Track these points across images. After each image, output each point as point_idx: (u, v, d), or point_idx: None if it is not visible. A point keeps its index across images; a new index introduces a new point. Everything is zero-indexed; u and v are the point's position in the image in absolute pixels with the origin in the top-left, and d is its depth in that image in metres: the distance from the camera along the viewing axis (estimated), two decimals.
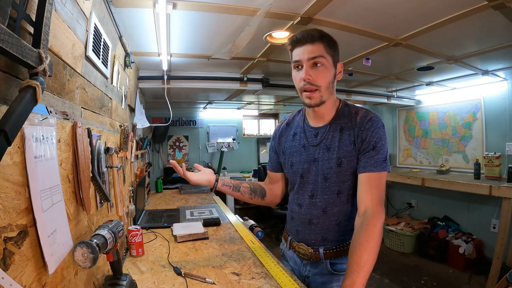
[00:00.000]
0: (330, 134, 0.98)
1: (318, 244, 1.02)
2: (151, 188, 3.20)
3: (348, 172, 0.95)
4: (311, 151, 1.02)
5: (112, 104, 1.36)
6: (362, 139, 0.92)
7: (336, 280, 1.01)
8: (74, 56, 0.82)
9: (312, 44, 0.91)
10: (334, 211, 0.99)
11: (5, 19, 0.43)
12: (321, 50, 0.91)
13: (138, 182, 1.97)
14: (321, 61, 0.91)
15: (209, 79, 2.56)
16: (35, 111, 0.52)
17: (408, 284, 2.68)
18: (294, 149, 1.07)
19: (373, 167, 0.90)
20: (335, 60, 0.96)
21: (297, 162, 1.05)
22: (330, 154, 0.97)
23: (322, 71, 0.92)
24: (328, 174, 0.97)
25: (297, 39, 0.93)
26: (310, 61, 0.92)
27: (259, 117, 5.33)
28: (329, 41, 0.93)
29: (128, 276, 0.94)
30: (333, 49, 0.94)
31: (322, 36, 0.92)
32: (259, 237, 1.61)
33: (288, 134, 1.12)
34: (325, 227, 1.01)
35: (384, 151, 0.92)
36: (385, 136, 0.93)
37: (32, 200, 0.52)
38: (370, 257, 0.78)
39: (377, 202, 0.87)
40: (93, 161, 0.87)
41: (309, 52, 0.91)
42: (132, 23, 1.49)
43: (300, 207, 1.06)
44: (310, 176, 1.02)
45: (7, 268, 0.44)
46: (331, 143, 0.97)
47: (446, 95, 3.50)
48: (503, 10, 1.35)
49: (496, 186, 2.51)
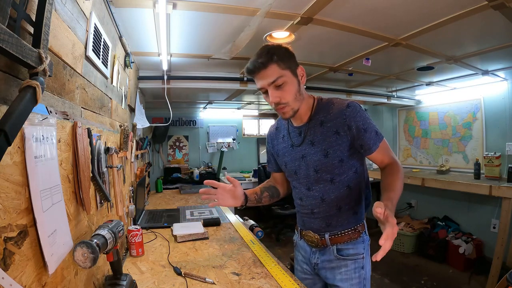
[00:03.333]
0: (312, 130, 1.04)
1: (324, 230, 1.08)
2: (151, 188, 3.19)
3: (336, 160, 1.01)
4: (298, 149, 1.08)
5: (112, 104, 1.36)
6: (349, 126, 0.97)
7: (344, 266, 1.06)
8: (74, 56, 0.82)
9: (266, 69, 0.94)
10: (331, 197, 1.05)
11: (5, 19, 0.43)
12: (276, 71, 0.94)
13: (138, 182, 1.97)
14: (281, 81, 0.94)
15: (209, 79, 2.56)
16: (35, 111, 0.52)
17: (408, 284, 2.68)
18: (285, 150, 1.14)
19: (373, 145, 0.99)
20: (293, 69, 0.97)
21: (289, 161, 1.12)
22: (315, 148, 1.03)
23: (286, 88, 0.96)
24: (317, 166, 1.03)
25: (250, 70, 0.97)
26: (272, 85, 0.95)
27: (259, 117, 5.33)
28: (280, 57, 0.94)
29: (128, 276, 0.94)
30: (286, 61, 0.96)
31: (271, 57, 0.93)
32: (259, 237, 1.61)
33: (278, 137, 1.19)
34: (327, 214, 1.06)
35: (372, 127, 0.99)
36: (366, 115, 1.00)
37: (32, 200, 0.52)
38: (400, 185, 0.94)
39: (392, 158, 1.04)
40: (93, 161, 0.87)
41: (266, 78, 0.94)
42: (132, 23, 1.49)
43: (301, 200, 1.12)
44: (302, 171, 1.08)
45: (7, 268, 0.44)
46: (314, 138, 1.03)
47: (446, 95, 3.50)
48: (503, 10, 1.35)
49: (496, 186, 2.51)
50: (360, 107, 1.00)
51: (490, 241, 2.88)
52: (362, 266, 1.06)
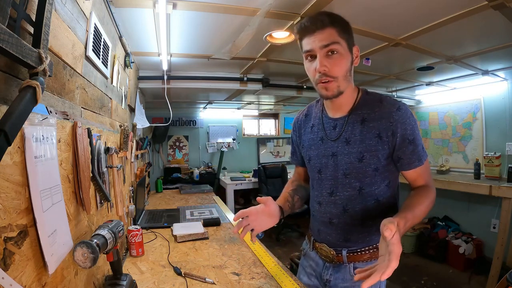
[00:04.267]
0: (350, 125, 0.89)
1: (341, 245, 0.94)
2: (151, 188, 3.19)
3: (370, 168, 0.87)
4: (329, 145, 0.93)
5: (112, 104, 1.36)
6: (394, 132, 0.83)
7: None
8: (74, 56, 0.82)
9: (323, 30, 0.81)
10: (356, 209, 0.90)
11: (5, 19, 0.43)
12: (335, 36, 0.81)
13: (138, 182, 1.97)
14: (336, 48, 0.81)
15: (209, 79, 2.56)
16: (35, 111, 0.52)
17: (408, 284, 2.68)
18: (312, 142, 0.99)
19: (417, 162, 0.85)
20: (350, 44, 0.85)
21: (315, 157, 0.98)
22: (350, 148, 0.88)
23: (338, 59, 0.82)
24: (347, 170, 0.89)
25: (305, 26, 0.83)
26: (324, 50, 0.81)
27: (259, 117, 5.33)
28: (342, 24, 0.83)
29: (128, 276, 0.94)
30: (347, 32, 0.84)
31: (334, 20, 0.82)
32: (259, 237, 1.61)
33: (307, 126, 1.04)
34: (347, 227, 0.92)
35: (419, 140, 0.85)
36: (416, 124, 0.86)
37: (32, 200, 0.52)
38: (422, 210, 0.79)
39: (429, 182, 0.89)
40: (93, 161, 0.87)
41: (321, 40, 0.81)
42: (132, 23, 1.49)
43: (320, 205, 0.98)
44: (328, 172, 0.94)
45: (7, 268, 0.44)
46: (351, 136, 0.88)
47: (446, 95, 3.50)
48: (503, 10, 1.35)
49: (496, 186, 2.51)
50: (411, 113, 0.85)
51: (490, 241, 2.88)
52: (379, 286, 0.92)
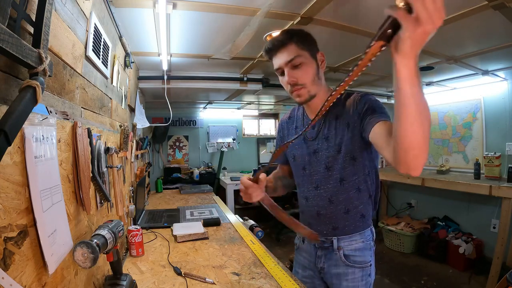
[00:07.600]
0: (327, 124, 1.00)
1: (330, 234, 1.03)
2: (151, 188, 3.19)
3: (348, 157, 0.96)
4: (310, 143, 1.04)
5: (112, 104, 1.36)
6: (359, 112, 0.90)
7: (352, 273, 1.01)
8: (74, 56, 0.82)
9: (284, 48, 0.93)
10: (340, 199, 1.00)
11: (5, 19, 0.43)
12: (295, 50, 0.92)
13: (138, 182, 1.97)
14: (299, 61, 0.92)
15: (209, 79, 2.56)
16: (35, 111, 0.52)
17: (408, 284, 2.68)
18: (296, 142, 1.07)
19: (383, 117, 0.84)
20: (313, 52, 0.95)
21: (299, 155, 1.08)
22: (329, 143, 0.99)
23: (303, 69, 0.93)
24: (329, 163, 0.99)
25: (269, 49, 0.96)
26: (289, 64, 0.93)
27: (259, 117, 5.33)
28: (300, 38, 0.93)
29: (128, 276, 0.94)
30: (306, 43, 0.94)
31: (291, 36, 0.93)
32: (259, 237, 1.61)
33: (291, 128, 1.14)
34: (333, 217, 1.02)
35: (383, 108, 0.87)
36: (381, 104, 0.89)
37: (32, 200, 0.52)
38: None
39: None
40: (93, 161, 0.87)
41: (284, 57, 0.93)
42: (132, 23, 1.49)
43: (307, 200, 1.08)
44: (312, 168, 1.04)
45: (7, 268, 0.44)
46: (329, 133, 0.99)
47: (446, 95, 3.49)
48: (503, 10, 1.35)
49: (496, 186, 2.50)
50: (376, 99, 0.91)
51: (490, 241, 2.88)
52: (369, 273, 1.03)
